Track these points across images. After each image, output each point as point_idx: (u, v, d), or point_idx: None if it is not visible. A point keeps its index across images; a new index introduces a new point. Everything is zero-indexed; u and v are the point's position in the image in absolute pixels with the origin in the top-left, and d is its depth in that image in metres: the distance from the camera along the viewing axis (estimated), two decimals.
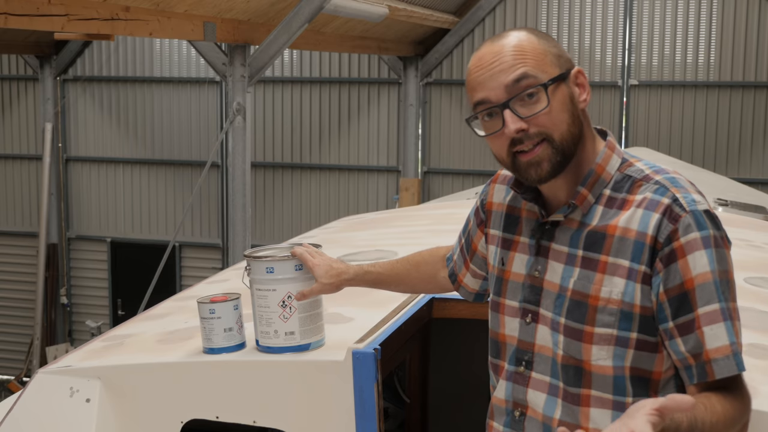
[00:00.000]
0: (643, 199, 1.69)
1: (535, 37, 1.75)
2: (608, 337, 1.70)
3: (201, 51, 8.87)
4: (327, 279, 2.23)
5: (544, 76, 1.71)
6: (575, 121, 1.74)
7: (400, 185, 12.03)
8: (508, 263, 1.88)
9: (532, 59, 1.71)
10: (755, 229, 4.49)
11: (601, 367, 1.71)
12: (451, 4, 11.70)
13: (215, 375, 2.35)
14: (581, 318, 1.72)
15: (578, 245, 1.75)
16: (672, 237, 1.64)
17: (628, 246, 1.68)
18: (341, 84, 12.42)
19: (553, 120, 1.71)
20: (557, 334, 1.76)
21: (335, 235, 4.54)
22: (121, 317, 12.53)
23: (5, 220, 13.68)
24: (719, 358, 1.61)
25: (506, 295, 1.88)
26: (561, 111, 1.72)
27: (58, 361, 2.55)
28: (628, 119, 11.51)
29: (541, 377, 1.80)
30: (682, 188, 1.69)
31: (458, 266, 2.16)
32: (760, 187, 9.71)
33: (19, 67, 13.45)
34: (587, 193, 1.75)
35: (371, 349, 2.23)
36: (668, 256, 1.64)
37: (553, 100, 1.70)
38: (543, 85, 1.70)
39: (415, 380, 3.19)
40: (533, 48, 1.73)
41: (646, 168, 1.75)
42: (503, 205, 1.94)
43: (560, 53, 1.75)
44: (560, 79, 1.72)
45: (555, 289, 1.77)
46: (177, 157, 12.93)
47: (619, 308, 1.68)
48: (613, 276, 1.69)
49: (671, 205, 1.65)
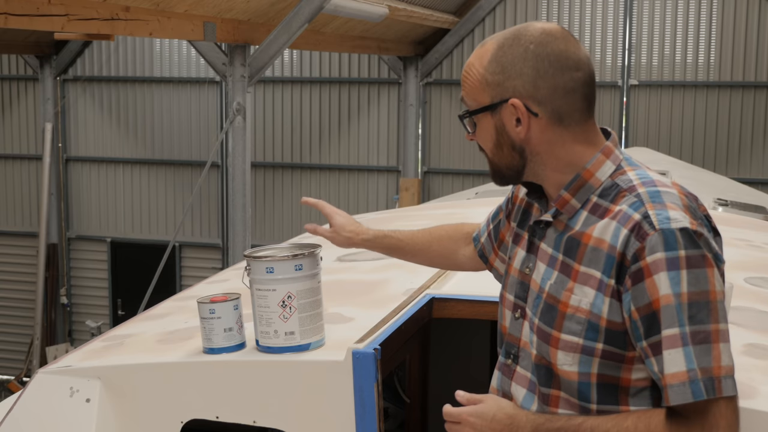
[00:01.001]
0: (618, 212, 1.67)
1: (489, 56, 1.75)
2: (574, 345, 1.69)
3: (201, 51, 8.87)
4: (345, 231, 2.24)
5: (473, 104, 1.79)
6: (503, 149, 1.78)
7: (400, 185, 12.03)
8: (513, 258, 1.91)
9: (469, 85, 1.79)
10: (755, 229, 4.49)
11: (567, 372, 1.71)
12: (451, 4, 11.70)
13: (215, 375, 2.35)
14: (551, 322, 1.73)
15: (559, 249, 1.75)
16: (638, 255, 1.61)
17: (600, 257, 1.67)
18: (341, 84, 12.42)
19: (483, 143, 1.82)
20: (532, 333, 1.79)
21: None
22: (121, 317, 12.53)
23: (5, 220, 13.69)
24: (674, 384, 1.58)
25: (507, 288, 1.91)
26: (484, 140, 1.81)
27: (58, 361, 2.55)
28: (628, 119, 11.51)
29: (523, 372, 1.82)
30: (660, 204, 1.64)
31: (487, 250, 2.18)
32: (760, 187, 9.72)
33: (19, 67, 13.45)
34: (569, 197, 1.75)
35: (371, 349, 2.23)
36: (636, 275, 1.62)
37: (478, 128, 1.80)
38: (462, 115, 1.81)
39: (415, 380, 3.19)
40: (475, 72, 1.77)
41: (635, 178, 1.72)
42: (524, 200, 1.97)
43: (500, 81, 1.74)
44: (486, 110, 1.76)
45: (536, 288, 1.79)
46: (177, 157, 12.93)
47: (587, 318, 1.68)
48: (584, 285, 1.69)
49: (640, 222, 1.62)
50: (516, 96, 1.72)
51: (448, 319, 2.89)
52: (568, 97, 1.72)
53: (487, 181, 10.60)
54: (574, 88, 1.72)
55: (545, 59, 1.71)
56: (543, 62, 1.71)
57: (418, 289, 2.90)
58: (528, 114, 1.72)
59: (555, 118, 1.72)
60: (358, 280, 3.16)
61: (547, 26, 1.75)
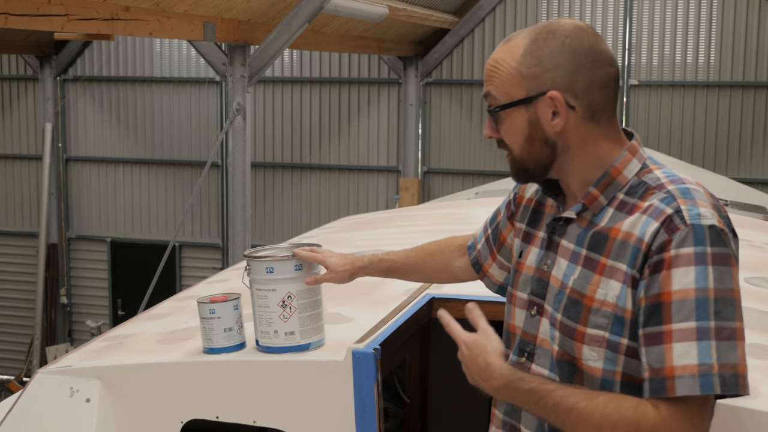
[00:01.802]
0: (649, 206, 1.68)
1: (523, 50, 1.75)
2: (599, 339, 1.70)
3: (201, 51, 8.87)
4: (342, 267, 2.25)
5: (503, 98, 1.76)
6: (534, 144, 1.76)
7: (400, 185, 12.03)
8: (525, 256, 1.91)
9: (498, 79, 1.77)
10: (755, 229, 4.49)
11: (591, 368, 1.72)
12: (451, 4, 11.70)
13: (215, 375, 2.35)
14: (576, 317, 1.73)
15: (583, 244, 1.76)
16: (663, 247, 1.62)
17: (627, 250, 1.68)
18: (341, 84, 12.42)
19: (510, 140, 1.80)
20: (554, 329, 1.78)
21: (335, 235, 4.54)
22: (121, 317, 12.53)
23: (5, 220, 13.69)
24: (684, 376, 1.57)
25: (518, 286, 1.91)
26: (514, 135, 1.78)
27: (58, 361, 2.55)
28: (628, 119, 11.51)
29: (540, 370, 1.82)
30: (691, 200, 1.65)
31: (483, 256, 2.17)
32: (760, 187, 9.72)
33: (19, 67, 13.45)
34: (598, 194, 1.76)
35: (371, 349, 2.23)
36: (655, 265, 1.63)
37: (505, 123, 1.78)
38: (491, 111, 1.78)
39: (415, 380, 3.19)
40: (508, 66, 1.76)
41: (663, 176, 1.73)
42: (532, 200, 1.97)
43: (537, 73, 1.73)
44: (521, 103, 1.75)
45: (557, 284, 1.79)
46: (177, 157, 12.93)
47: (613, 312, 1.68)
48: (610, 279, 1.69)
49: (672, 216, 1.63)
50: (554, 88, 1.72)
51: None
52: (602, 92, 1.74)
53: (487, 181, 10.60)
54: (607, 83, 1.74)
55: (582, 53, 1.72)
56: (580, 56, 1.72)
57: (418, 289, 2.90)
58: (566, 107, 1.73)
59: (589, 112, 1.74)
60: (358, 280, 3.16)
61: (576, 22, 1.78)
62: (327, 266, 2.26)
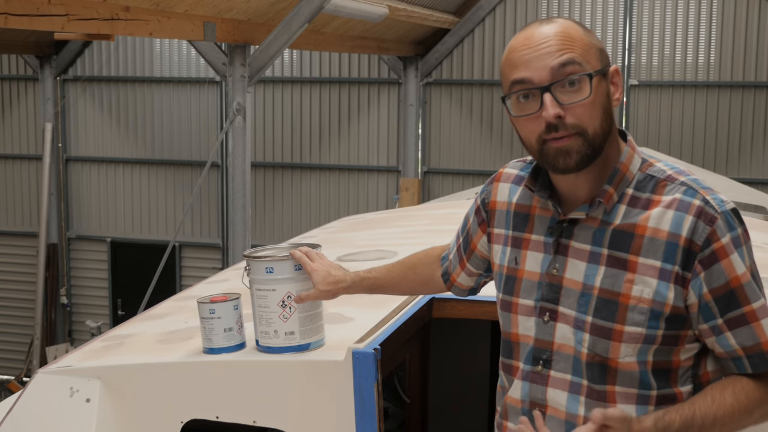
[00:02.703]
0: (673, 200, 1.70)
1: (582, 29, 1.76)
2: (637, 336, 1.71)
3: (201, 51, 8.87)
4: (324, 286, 2.22)
5: (589, 67, 1.71)
6: (608, 118, 1.74)
7: (400, 185, 12.03)
8: (521, 262, 1.87)
9: (579, 48, 1.72)
10: (755, 229, 4.48)
11: (628, 364, 1.73)
12: (451, 4, 11.70)
13: (215, 375, 2.35)
14: (611, 316, 1.72)
15: (602, 243, 1.74)
16: (711, 239, 1.67)
17: (659, 246, 1.69)
18: (341, 84, 12.41)
19: (590, 113, 1.70)
20: (581, 332, 1.76)
21: (335, 235, 4.54)
22: (121, 317, 12.53)
23: (5, 220, 13.68)
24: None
25: (519, 294, 1.87)
26: (598, 105, 1.72)
27: (58, 361, 2.55)
28: (628, 119, 11.51)
29: (561, 375, 1.79)
30: (708, 189, 1.72)
31: (453, 265, 2.16)
32: (760, 187, 9.72)
33: (19, 67, 13.45)
34: (613, 191, 1.75)
35: (371, 349, 2.23)
36: (709, 258, 1.68)
37: (594, 92, 1.71)
38: (588, 75, 1.70)
39: (415, 380, 3.19)
40: (581, 38, 1.73)
41: (667, 168, 1.77)
42: (510, 203, 1.93)
43: (603, 48, 1.77)
44: (602, 74, 1.73)
45: (578, 287, 1.77)
46: (177, 157, 12.93)
47: (650, 307, 1.70)
48: (645, 276, 1.70)
49: (704, 208, 1.69)
50: None
51: (448, 319, 2.89)
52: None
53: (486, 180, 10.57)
54: None
55: None
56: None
57: None
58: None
59: None
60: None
61: None
62: (312, 281, 2.24)
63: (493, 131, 11.85)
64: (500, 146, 11.84)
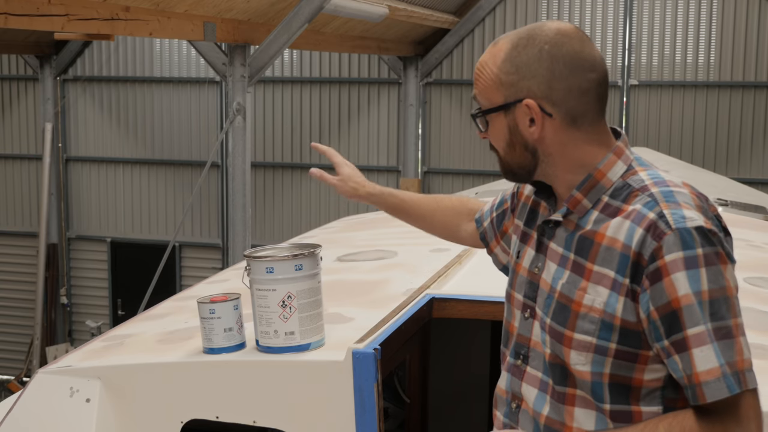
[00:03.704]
0: (632, 211, 1.67)
1: (503, 55, 1.74)
2: (587, 344, 1.69)
3: (201, 51, 8.87)
4: (351, 182, 2.24)
5: (486, 103, 1.77)
6: (515, 149, 1.77)
7: (400, 185, 12.03)
8: (522, 257, 1.90)
9: (482, 84, 1.77)
10: (755, 229, 4.49)
11: (580, 372, 1.71)
12: (451, 4, 11.70)
13: (215, 375, 2.35)
14: (564, 321, 1.73)
15: (571, 248, 1.75)
16: (656, 255, 1.61)
17: (614, 256, 1.67)
18: (341, 84, 12.42)
19: (496, 143, 1.81)
20: (544, 333, 1.78)
21: (335, 235, 4.54)
22: (121, 317, 12.53)
23: (5, 220, 13.69)
24: (710, 380, 1.58)
25: (515, 287, 1.90)
26: (497, 139, 1.80)
27: (58, 361, 2.55)
28: (628, 119, 11.51)
29: (534, 372, 1.82)
30: (674, 203, 1.64)
31: (489, 235, 2.16)
32: (760, 187, 9.72)
33: (19, 67, 13.45)
34: (581, 197, 1.75)
35: (371, 349, 2.23)
36: (653, 274, 1.62)
37: (490, 127, 1.79)
38: (473, 115, 1.80)
39: (415, 380, 3.19)
40: (489, 71, 1.75)
41: (647, 178, 1.72)
42: (530, 198, 1.96)
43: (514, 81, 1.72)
44: (499, 109, 1.75)
45: (547, 288, 1.79)
46: (177, 157, 12.93)
47: (600, 317, 1.68)
48: (598, 285, 1.68)
49: (656, 222, 1.62)
50: (530, 96, 1.71)
51: (448, 319, 2.89)
52: (582, 99, 1.71)
53: (487, 181, 10.59)
54: (588, 89, 1.71)
55: (560, 60, 1.70)
56: (558, 63, 1.70)
57: (418, 289, 2.90)
58: (542, 114, 1.71)
59: (569, 119, 1.72)
60: (358, 280, 3.16)
61: (561, 26, 1.74)
62: (339, 172, 2.25)
63: None
64: None
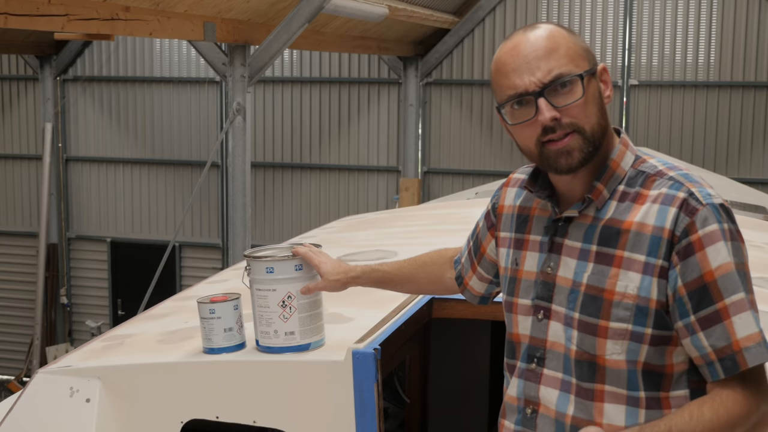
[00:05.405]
0: (659, 195, 1.71)
1: (566, 32, 1.78)
2: (623, 332, 1.71)
3: (201, 51, 8.87)
4: (334, 276, 2.23)
5: (577, 69, 1.73)
6: (603, 115, 1.77)
7: (400, 185, 12.03)
8: (521, 263, 1.89)
9: (565, 51, 1.74)
10: (755, 229, 4.49)
11: (615, 362, 1.72)
12: (451, 4, 11.70)
13: (215, 375, 2.35)
14: (596, 312, 1.73)
15: (592, 240, 1.76)
16: (689, 230, 1.65)
17: (644, 241, 1.69)
18: (341, 84, 12.42)
19: (585, 112, 1.73)
20: (570, 329, 1.77)
21: (335, 235, 4.54)
22: (121, 317, 12.53)
23: (5, 220, 13.68)
24: (751, 346, 1.63)
25: (519, 294, 1.89)
26: (592, 103, 1.74)
27: (58, 361, 2.55)
28: (628, 119, 11.51)
29: (553, 373, 1.81)
30: (697, 183, 1.71)
31: (465, 269, 2.16)
32: (760, 187, 9.72)
33: (19, 67, 13.45)
34: (602, 188, 1.77)
35: (371, 349, 2.23)
36: (685, 249, 1.65)
37: (586, 91, 1.73)
38: (579, 76, 1.72)
39: (415, 380, 3.19)
40: (566, 41, 1.75)
41: (659, 164, 1.77)
42: (514, 207, 1.95)
43: (588, 48, 1.79)
44: (591, 73, 1.76)
45: (568, 284, 1.78)
46: (177, 157, 12.93)
47: (635, 303, 1.69)
48: (629, 271, 1.70)
49: (687, 199, 1.67)
50: None
51: (448, 319, 2.90)
52: None
53: (487, 181, 10.58)
54: None
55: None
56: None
57: None
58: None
59: None
60: None
61: None
62: (320, 273, 2.25)
63: (493, 131, 11.85)
64: (500, 146, 11.84)
